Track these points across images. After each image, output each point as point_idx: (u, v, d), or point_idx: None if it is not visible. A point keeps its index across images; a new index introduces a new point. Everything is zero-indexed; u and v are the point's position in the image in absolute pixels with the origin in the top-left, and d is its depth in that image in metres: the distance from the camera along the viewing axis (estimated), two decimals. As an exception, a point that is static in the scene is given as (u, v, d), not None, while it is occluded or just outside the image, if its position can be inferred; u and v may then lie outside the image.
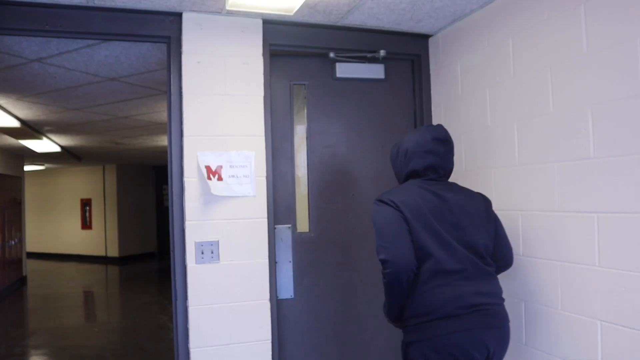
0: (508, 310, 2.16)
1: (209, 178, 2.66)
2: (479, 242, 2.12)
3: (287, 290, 3.02)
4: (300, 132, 3.13)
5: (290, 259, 3.04)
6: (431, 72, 3.20)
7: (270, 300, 2.79)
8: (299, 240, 3.06)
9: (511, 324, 2.46)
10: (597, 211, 2.08)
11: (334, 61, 3.11)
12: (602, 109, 2.05)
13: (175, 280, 2.71)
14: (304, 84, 3.13)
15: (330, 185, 3.15)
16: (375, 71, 3.19)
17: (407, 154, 2.25)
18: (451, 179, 2.30)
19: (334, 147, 3.17)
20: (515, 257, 2.51)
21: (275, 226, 2.96)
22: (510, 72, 2.54)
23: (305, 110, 3.13)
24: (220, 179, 2.68)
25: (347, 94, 3.20)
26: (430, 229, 2.06)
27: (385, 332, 3.09)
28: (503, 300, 2.14)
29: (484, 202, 2.26)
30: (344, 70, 3.13)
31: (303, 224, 3.08)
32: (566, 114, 2.22)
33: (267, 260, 2.78)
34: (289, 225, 3.04)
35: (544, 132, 2.35)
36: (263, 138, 2.80)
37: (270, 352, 2.77)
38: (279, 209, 3.00)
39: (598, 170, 2.07)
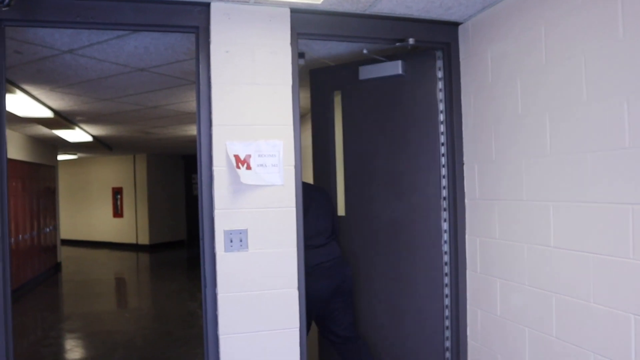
0: (539, 303, 2.13)
1: (238, 167, 2.68)
2: (322, 224, 3.38)
3: None
4: (338, 131, 3.69)
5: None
6: (460, 60, 3.15)
7: (299, 288, 2.80)
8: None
9: (541, 317, 2.43)
10: (632, 202, 2.03)
11: (358, 64, 3.40)
12: (639, 97, 1.99)
13: (204, 268, 2.75)
14: (340, 90, 3.59)
15: (361, 176, 3.49)
16: (394, 68, 3.29)
17: None
18: (481, 169, 2.33)
19: (363, 143, 3.51)
20: (545, 249, 2.48)
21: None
22: (542, 60, 2.49)
23: (341, 112, 3.59)
24: (248, 168, 2.70)
25: (372, 94, 3.46)
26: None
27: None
28: (339, 257, 3.38)
29: (325, 195, 3.51)
30: (365, 72, 3.41)
31: (340, 209, 3.69)
32: (600, 103, 2.16)
33: (295, 249, 2.80)
34: None
35: (577, 122, 2.29)
36: (291, 127, 2.80)
37: (298, 340, 2.79)
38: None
39: (633, 161, 2.02)
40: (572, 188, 2.33)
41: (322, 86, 3.71)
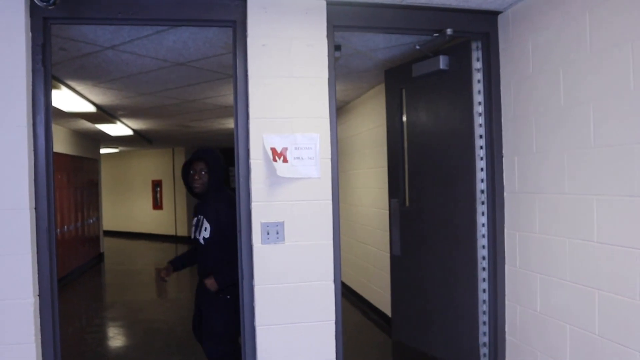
0: (580, 299, 2.07)
1: (275, 160, 2.70)
2: None
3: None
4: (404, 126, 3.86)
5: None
6: (500, 50, 3.08)
7: (334, 281, 2.81)
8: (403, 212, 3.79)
9: (583, 314, 2.37)
10: (681, 196, 1.95)
11: (412, 62, 3.55)
12: (690, 86, 1.91)
13: (241, 260, 2.79)
14: (403, 88, 3.77)
15: (418, 169, 3.64)
16: (436, 63, 3.35)
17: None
18: (521, 161, 2.28)
19: (418, 137, 3.65)
20: (588, 244, 2.41)
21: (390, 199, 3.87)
22: (587, 49, 2.41)
23: (405, 108, 3.79)
24: (285, 160, 2.71)
25: (423, 89, 3.58)
26: None
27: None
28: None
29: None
30: (417, 69, 3.52)
31: (406, 201, 3.81)
32: (649, 92, 2.08)
33: (331, 242, 2.80)
34: (398, 200, 3.82)
35: (624, 113, 2.21)
36: (328, 120, 2.80)
37: (334, 333, 2.80)
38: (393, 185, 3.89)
39: (684, 152, 1.94)
40: (618, 181, 2.25)
41: (393, 84, 3.90)
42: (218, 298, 3.26)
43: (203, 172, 3.35)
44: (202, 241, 3.32)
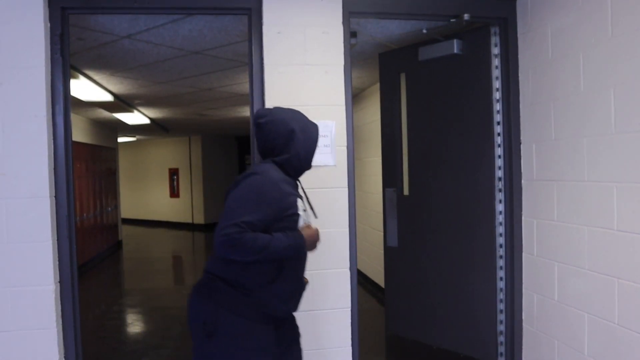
0: (600, 288, 2.05)
1: (290, 148, 2.68)
2: None
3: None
4: (404, 112, 3.71)
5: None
6: (518, 35, 3.03)
7: (350, 269, 2.81)
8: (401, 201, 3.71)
9: (602, 303, 2.34)
10: None
11: (418, 46, 3.43)
12: None
13: (258, 248, 2.79)
14: (404, 72, 3.63)
15: (423, 155, 3.55)
16: (450, 47, 3.26)
17: (293, 137, 2.07)
18: (540, 148, 2.21)
19: (423, 123, 3.54)
20: (608, 232, 2.38)
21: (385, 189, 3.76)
22: (608, 33, 2.36)
23: (405, 93, 3.64)
24: (301, 148, 2.70)
25: (431, 74, 3.47)
26: None
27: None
28: (208, 273, 2.10)
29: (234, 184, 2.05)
30: (424, 53, 3.40)
31: (405, 189, 3.71)
32: (672, 77, 2.04)
33: (347, 229, 2.80)
34: (394, 189, 3.71)
35: (646, 98, 2.17)
36: (343, 107, 2.79)
37: (350, 320, 2.81)
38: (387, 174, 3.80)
39: None
40: (639, 168, 2.21)
41: (389, 69, 3.78)
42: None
43: None
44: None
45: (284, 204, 2.00)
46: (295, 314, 2.26)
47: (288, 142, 2.06)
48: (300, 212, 2.08)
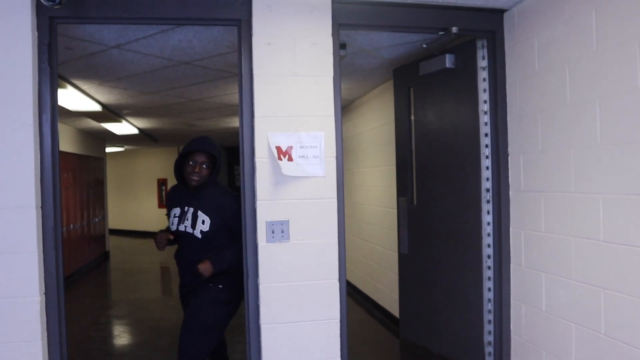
0: (586, 298, 2.06)
1: (280, 158, 2.70)
2: None
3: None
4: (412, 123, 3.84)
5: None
6: (506, 48, 3.07)
7: (339, 280, 2.81)
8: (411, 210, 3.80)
9: (589, 313, 2.36)
10: (689, 194, 1.94)
11: (419, 61, 3.54)
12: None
13: (246, 258, 2.79)
14: (411, 87, 3.77)
15: (426, 167, 3.64)
16: (442, 62, 3.34)
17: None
18: (527, 160, 2.28)
19: (425, 136, 3.65)
20: (595, 243, 2.40)
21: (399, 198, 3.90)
22: (593, 47, 2.39)
23: (413, 106, 3.78)
24: (290, 159, 2.71)
25: (430, 88, 3.58)
26: None
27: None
28: None
29: None
30: (423, 68, 3.50)
31: (414, 199, 3.79)
32: (656, 90, 2.07)
33: (336, 240, 2.80)
34: (405, 198, 3.83)
35: (631, 111, 2.20)
36: (333, 118, 2.80)
37: (339, 331, 2.80)
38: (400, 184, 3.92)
39: (691, 151, 1.92)
40: (625, 180, 2.24)
41: (401, 83, 3.90)
42: (208, 287, 3.11)
43: (205, 166, 3.10)
44: (198, 235, 3.08)
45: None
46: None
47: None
48: (171, 215, 3.23)
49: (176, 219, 3.21)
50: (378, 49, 3.93)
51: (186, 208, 3.18)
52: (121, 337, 5.60)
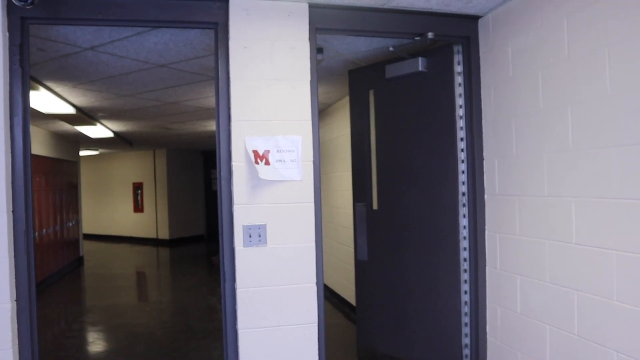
0: (560, 300, 2.10)
1: (257, 162, 2.69)
2: None
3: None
4: (372, 128, 3.76)
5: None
6: (480, 54, 3.12)
7: (317, 284, 2.81)
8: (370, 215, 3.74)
9: (563, 315, 2.40)
10: (657, 198, 1.99)
11: (385, 63, 3.52)
12: (665, 90, 1.95)
13: (223, 263, 2.77)
14: (372, 90, 3.69)
15: (390, 171, 3.59)
16: (414, 65, 3.34)
17: None
18: (502, 164, 2.29)
19: (390, 139, 3.58)
20: (567, 246, 2.44)
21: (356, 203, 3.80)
22: (565, 53, 2.45)
23: (373, 110, 3.70)
24: (267, 163, 2.71)
25: (397, 91, 3.52)
26: None
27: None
28: None
29: None
30: (390, 70, 3.47)
31: (374, 203, 3.73)
32: (625, 96, 2.12)
33: (313, 244, 2.80)
34: (364, 203, 3.75)
35: (601, 116, 2.25)
36: (310, 122, 2.80)
37: (316, 336, 2.80)
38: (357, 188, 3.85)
39: (659, 155, 1.98)
40: (596, 183, 2.29)
41: (358, 85, 3.83)
42: None
43: None
44: None
45: None
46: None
47: None
48: None
49: None
50: (355, 53, 3.95)
51: None
52: (96, 343, 5.50)
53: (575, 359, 2.43)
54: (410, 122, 3.48)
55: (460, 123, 3.18)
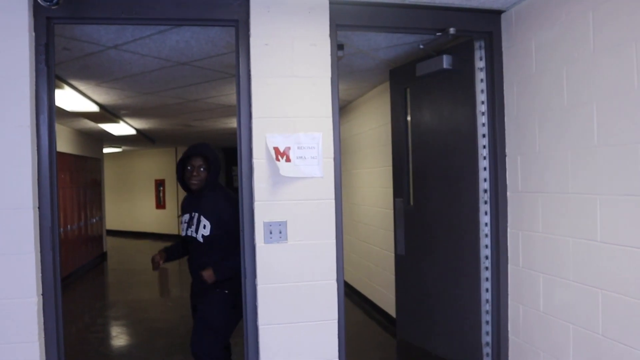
0: (584, 299, 2.06)
1: (277, 159, 2.70)
2: None
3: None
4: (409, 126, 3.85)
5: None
6: (503, 49, 3.07)
7: (337, 280, 2.81)
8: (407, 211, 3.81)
9: (587, 314, 2.36)
10: (685, 195, 1.95)
11: (415, 62, 3.54)
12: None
13: (244, 259, 2.79)
14: (407, 88, 3.77)
15: (423, 168, 3.65)
16: (439, 63, 3.33)
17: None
18: (525, 160, 2.29)
19: (422, 137, 3.66)
20: (591, 244, 2.40)
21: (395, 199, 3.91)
22: (590, 48, 2.40)
23: (409, 107, 3.79)
24: (288, 160, 2.71)
25: (426, 89, 3.59)
26: None
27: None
28: None
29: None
30: (420, 69, 3.50)
31: (411, 200, 3.83)
32: (652, 91, 2.08)
33: (334, 241, 2.80)
34: (402, 199, 3.83)
35: (627, 112, 2.20)
36: (330, 119, 2.80)
37: (336, 332, 2.80)
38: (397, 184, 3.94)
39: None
40: (621, 180, 2.25)
41: (397, 83, 3.91)
42: (215, 293, 3.23)
43: (202, 169, 3.27)
44: (200, 239, 3.24)
45: None
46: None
47: None
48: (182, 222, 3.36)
49: (185, 225, 3.37)
50: (376, 49, 3.93)
51: (192, 214, 3.32)
52: (119, 338, 5.59)
53: (600, 359, 2.39)
54: (437, 119, 3.51)
55: (482, 119, 3.15)
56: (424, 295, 3.63)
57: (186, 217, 3.37)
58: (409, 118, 3.80)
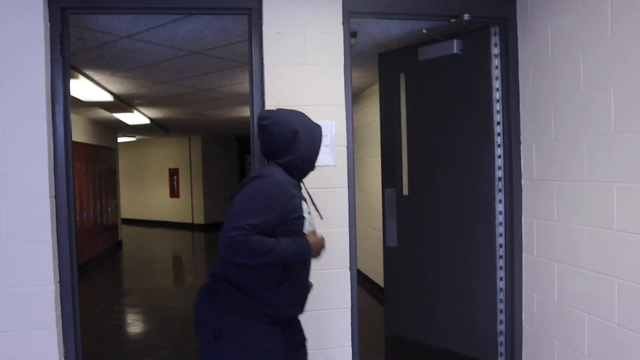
0: (599, 288, 2.05)
1: (290, 148, 2.68)
2: None
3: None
4: (403, 112, 3.67)
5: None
6: (518, 35, 3.03)
7: (350, 269, 2.81)
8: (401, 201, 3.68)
9: (602, 303, 2.34)
10: None
11: (418, 46, 3.42)
12: None
13: (258, 248, 2.79)
14: (402, 73, 3.61)
15: (422, 156, 3.53)
16: (449, 47, 3.25)
17: (297, 139, 2.07)
18: (540, 148, 2.24)
19: (423, 123, 3.52)
20: (608, 232, 2.37)
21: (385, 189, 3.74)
22: (608, 33, 2.36)
23: (405, 94, 3.61)
24: (301, 149, 2.69)
25: (431, 74, 3.44)
26: None
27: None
28: (213, 275, 2.08)
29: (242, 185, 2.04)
30: (424, 53, 3.39)
31: (405, 189, 3.67)
32: (672, 77, 2.04)
33: (347, 229, 2.80)
34: (394, 189, 3.68)
35: (646, 98, 2.17)
36: (343, 107, 2.79)
37: (350, 320, 2.81)
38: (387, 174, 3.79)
39: None
40: (639, 168, 2.21)
41: (389, 69, 3.76)
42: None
43: None
44: None
45: (290, 206, 2.00)
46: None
47: (291, 143, 2.06)
48: (305, 214, 2.07)
49: (309, 216, 2.15)
50: (388, 37, 3.89)
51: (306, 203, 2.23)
52: (134, 325, 5.66)
53: (615, 349, 2.37)
54: (443, 105, 3.42)
55: (497, 106, 3.12)
56: (422, 287, 3.55)
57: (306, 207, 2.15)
58: (402, 105, 3.66)
